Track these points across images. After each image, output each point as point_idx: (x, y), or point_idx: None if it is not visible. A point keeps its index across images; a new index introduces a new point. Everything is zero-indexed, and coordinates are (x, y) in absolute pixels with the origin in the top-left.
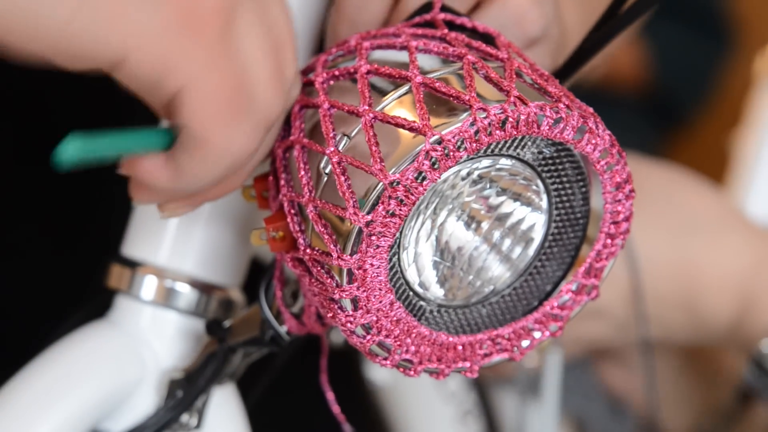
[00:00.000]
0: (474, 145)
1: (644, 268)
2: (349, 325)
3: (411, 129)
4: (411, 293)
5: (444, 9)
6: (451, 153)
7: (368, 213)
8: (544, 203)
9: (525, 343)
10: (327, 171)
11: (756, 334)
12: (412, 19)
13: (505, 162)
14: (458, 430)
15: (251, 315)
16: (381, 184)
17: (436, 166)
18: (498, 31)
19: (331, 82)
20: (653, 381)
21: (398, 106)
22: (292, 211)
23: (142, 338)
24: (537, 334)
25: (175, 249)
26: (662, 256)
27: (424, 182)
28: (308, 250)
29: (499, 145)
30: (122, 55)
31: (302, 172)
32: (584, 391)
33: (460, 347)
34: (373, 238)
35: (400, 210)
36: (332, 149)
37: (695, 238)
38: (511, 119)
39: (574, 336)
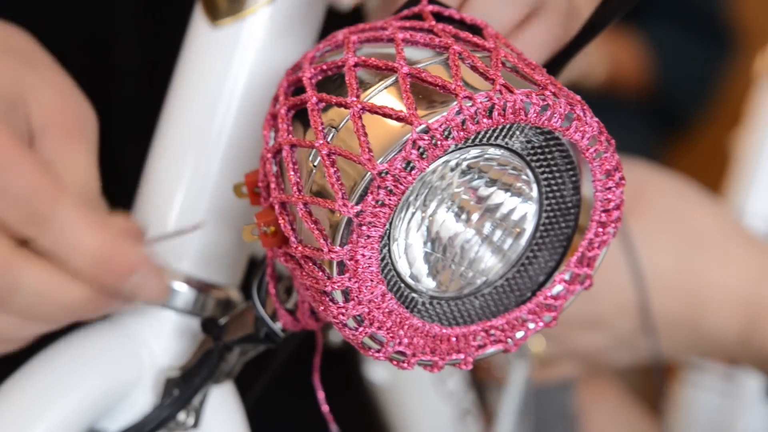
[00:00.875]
0: (461, 133)
1: (648, 283)
2: (340, 317)
3: (398, 119)
4: (403, 285)
5: (432, 1)
6: (439, 142)
7: (357, 203)
8: (535, 193)
9: (519, 334)
10: (316, 164)
11: (767, 347)
12: (400, 12)
13: (493, 152)
14: (457, 429)
15: (246, 312)
16: (369, 173)
17: (424, 156)
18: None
19: (319, 77)
20: (663, 396)
21: (385, 96)
22: (284, 212)
23: (140, 337)
24: (531, 325)
25: (173, 248)
26: (666, 271)
27: (413, 171)
28: (300, 248)
29: (487, 134)
30: None
31: (291, 172)
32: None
33: (453, 339)
34: (363, 228)
35: (389, 200)
36: (321, 142)
37: (699, 252)
38: (497, 107)
39: (573, 347)
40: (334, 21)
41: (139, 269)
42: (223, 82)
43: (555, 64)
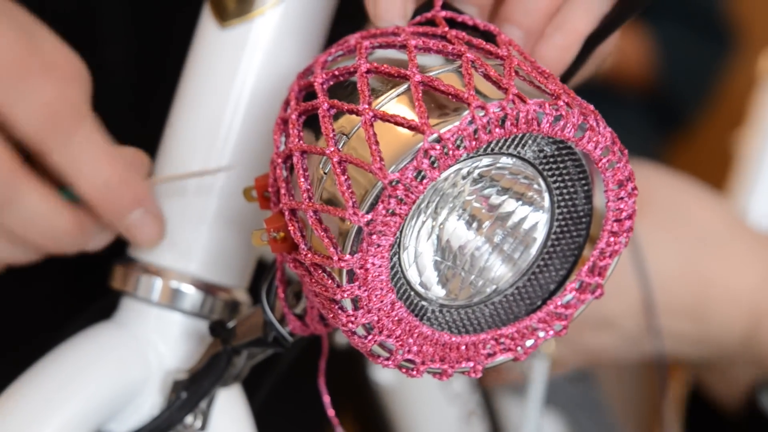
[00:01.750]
0: (473, 143)
1: (653, 280)
2: (350, 325)
3: (410, 127)
4: (412, 293)
5: (445, 7)
6: (451, 151)
7: (368, 212)
8: (546, 202)
9: (529, 342)
10: (326, 171)
11: None
12: (413, 17)
13: (505, 161)
14: (463, 430)
15: (254, 316)
16: (380, 183)
17: (435, 165)
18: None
19: (331, 83)
20: (665, 393)
21: (397, 104)
22: (293, 219)
23: (147, 339)
24: (541, 334)
25: (181, 250)
26: (671, 268)
27: (424, 181)
28: (309, 255)
29: (500, 144)
30: None
31: (302, 179)
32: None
33: (463, 347)
34: (374, 237)
35: (400, 209)
36: (332, 149)
37: (704, 250)
38: (510, 117)
39: (581, 347)
40: (342, 23)
41: (142, 206)
42: (231, 83)
43: (568, 71)
